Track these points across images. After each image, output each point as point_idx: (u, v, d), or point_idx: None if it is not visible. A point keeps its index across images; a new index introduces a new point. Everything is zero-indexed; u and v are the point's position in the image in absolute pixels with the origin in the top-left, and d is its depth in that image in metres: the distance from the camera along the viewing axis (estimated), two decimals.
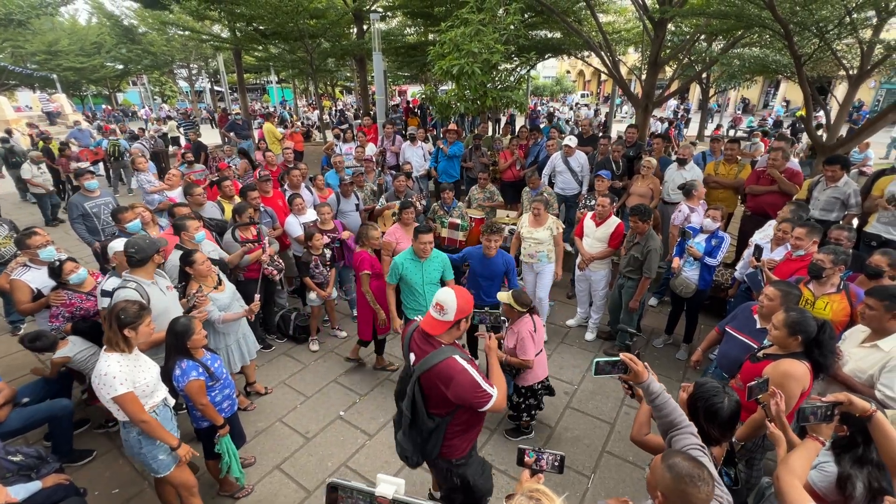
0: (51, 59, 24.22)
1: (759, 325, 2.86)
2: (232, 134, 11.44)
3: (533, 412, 3.50)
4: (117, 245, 3.32)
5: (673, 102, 23.64)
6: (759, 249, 3.81)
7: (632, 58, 16.28)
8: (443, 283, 3.71)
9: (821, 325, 2.25)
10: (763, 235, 4.06)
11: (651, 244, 4.02)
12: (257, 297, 3.87)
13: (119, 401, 2.20)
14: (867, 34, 5.57)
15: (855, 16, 5.13)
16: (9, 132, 13.60)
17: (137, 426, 2.27)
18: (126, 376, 2.22)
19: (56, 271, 3.32)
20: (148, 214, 4.36)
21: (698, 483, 1.34)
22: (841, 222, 4.47)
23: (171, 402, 2.57)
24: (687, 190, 4.81)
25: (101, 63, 25.99)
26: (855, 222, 4.46)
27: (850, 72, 5.92)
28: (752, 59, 7.17)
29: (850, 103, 6.04)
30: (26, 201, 10.20)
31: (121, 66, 27.15)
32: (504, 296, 3.25)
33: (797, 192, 4.54)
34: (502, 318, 2.80)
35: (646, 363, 1.86)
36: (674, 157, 5.70)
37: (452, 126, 7.41)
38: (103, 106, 30.25)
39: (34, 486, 2.31)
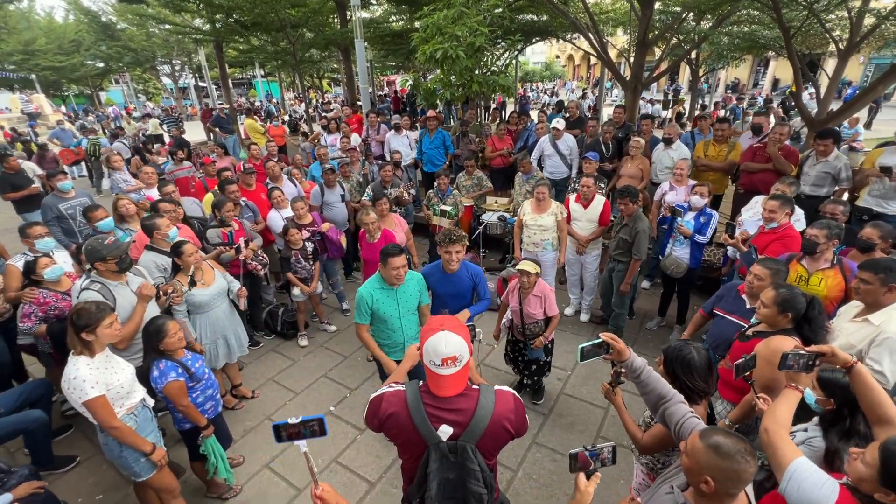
0: (28, 58, 23.62)
1: (748, 305, 2.81)
2: (217, 129, 11.23)
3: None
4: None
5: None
6: (731, 228, 3.78)
7: (620, 39, 16.06)
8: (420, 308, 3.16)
9: (809, 301, 2.21)
10: (752, 213, 3.99)
11: (640, 226, 3.95)
12: (243, 289, 3.75)
13: (89, 405, 2.10)
14: (856, 3, 5.46)
15: None
16: None
17: (108, 432, 2.18)
18: (97, 379, 2.13)
19: (30, 265, 3.23)
20: (133, 207, 4.25)
21: (748, 458, 1.30)
22: (832, 196, 4.42)
23: (151, 402, 2.48)
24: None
25: (80, 62, 25.39)
26: (845, 196, 4.41)
27: (840, 45, 5.82)
28: (740, 36, 7.03)
29: (839, 77, 5.95)
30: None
31: (101, 65, 26.52)
32: (530, 265, 3.28)
33: (791, 171, 4.47)
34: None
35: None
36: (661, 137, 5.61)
37: (432, 113, 7.24)
38: (84, 106, 29.58)
39: (3, 500, 2.21)
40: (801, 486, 1.42)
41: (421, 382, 1.65)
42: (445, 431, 1.55)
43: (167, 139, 13.17)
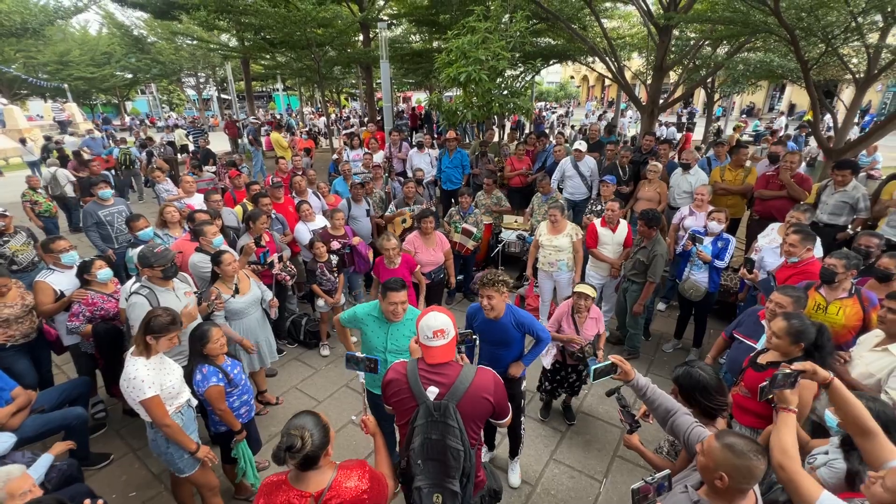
0: (62, 68, 24.70)
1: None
2: (250, 138, 11.58)
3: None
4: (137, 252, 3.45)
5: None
6: (750, 262, 3.82)
7: (636, 63, 16.32)
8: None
9: (818, 329, 2.28)
10: (768, 240, 4.07)
11: (657, 249, 4.05)
12: (275, 299, 3.94)
13: (146, 404, 2.26)
14: (874, 38, 5.58)
15: (861, 20, 5.14)
16: (23, 141, 13.87)
17: (160, 430, 2.33)
18: (153, 379, 2.29)
19: (85, 265, 3.44)
20: (178, 214, 4.51)
21: (760, 455, 1.44)
22: (849, 227, 4.48)
23: (195, 402, 2.63)
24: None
25: (110, 73, 26.47)
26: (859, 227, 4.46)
27: (857, 76, 5.93)
28: (757, 64, 7.19)
29: (857, 107, 6.05)
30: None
31: (130, 76, 27.63)
32: (588, 289, 3.37)
33: (805, 198, 4.55)
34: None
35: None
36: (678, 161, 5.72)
37: (451, 133, 7.45)
38: (100, 114, 30.65)
39: (46, 459, 2.41)
40: None
41: (419, 358, 2.01)
42: (432, 391, 1.88)
43: (192, 149, 13.63)
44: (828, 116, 7.06)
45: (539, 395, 3.92)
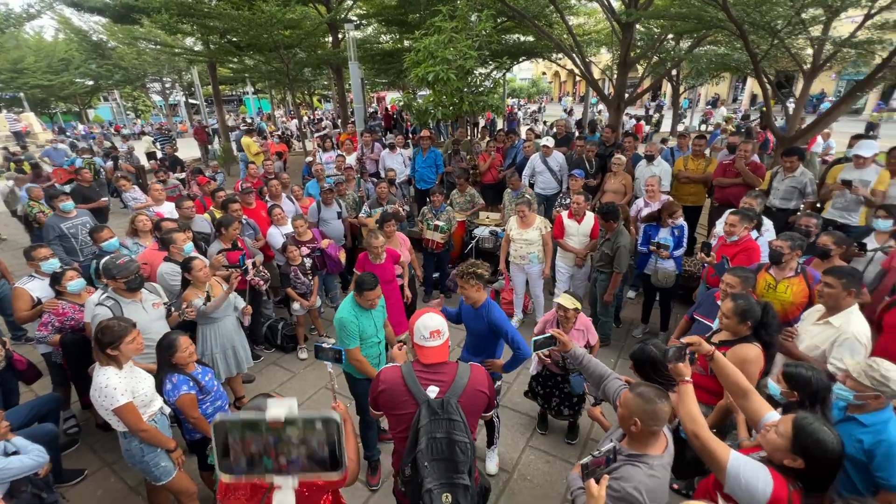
0: (16, 77, 23.63)
1: None
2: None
3: None
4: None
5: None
6: (707, 246, 4.01)
7: (605, 58, 16.68)
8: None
9: (764, 308, 2.46)
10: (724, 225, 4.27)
11: (620, 240, 4.20)
12: (248, 307, 3.93)
13: (119, 412, 2.26)
14: (818, 31, 5.89)
15: (804, 15, 5.44)
16: None
17: (137, 436, 2.32)
18: (126, 387, 2.29)
19: (57, 277, 3.41)
20: (149, 223, 4.46)
21: (664, 399, 1.69)
22: (801, 209, 4.74)
23: (167, 410, 2.62)
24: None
25: (69, 80, 25.43)
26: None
27: (805, 66, 6.25)
28: (713, 57, 7.49)
29: (805, 96, 6.38)
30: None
31: (91, 82, 26.58)
32: (569, 300, 3.15)
33: (759, 184, 4.79)
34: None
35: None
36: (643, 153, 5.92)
37: (425, 132, 7.52)
38: (55, 123, 29.44)
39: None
40: (743, 480, 1.58)
41: (412, 361, 2.07)
42: (433, 391, 1.92)
43: (160, 156, 13.28)
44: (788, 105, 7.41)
45: (536, 405, 3.72)
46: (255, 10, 10.67)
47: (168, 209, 5.36)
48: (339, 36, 13.58)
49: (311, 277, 4.65)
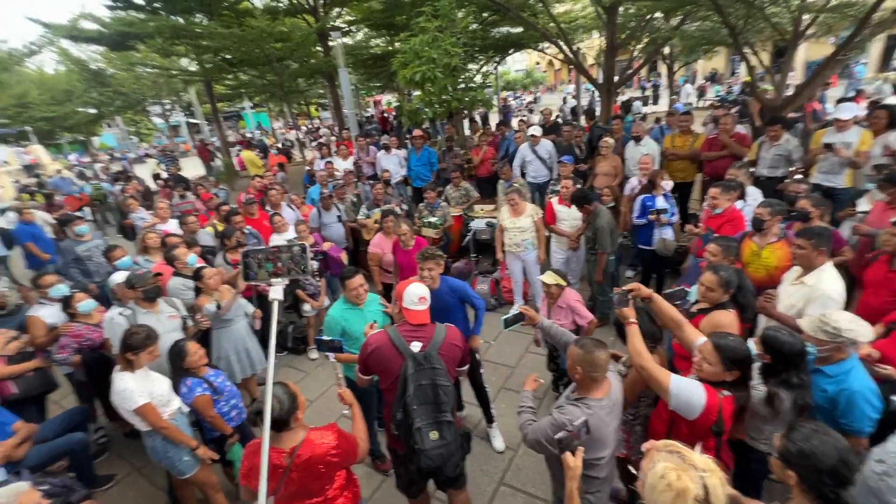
0: (22, 111, 24.22)
1: None
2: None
3: None
4: (117, 278, 3.59)
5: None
6: (695, 218, 4.11)
7: (597, 42, 16.67)
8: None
9: (737, 272, 2.59)
10: None
11: (598, 222, 4.31)
12: (258, 311, 4.14)
13: (140, 412, 2.46)
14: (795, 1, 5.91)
15: None
16: None
17: (159, 433, 2.52)
18: (142, 389, 2.49)
19: (67, 300, 3.60)
20: (157, 240, 4.66)
21: (600, 349, 1.95)
22: (787, 178, 4.80)
23: (186, 409, 2.81)
24: None
25: (72, 110, 25.96)
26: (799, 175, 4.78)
27: (785, 36, 6.26)
28: (694, 33, 7.50)
29: (789, 65, 6.38)
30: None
31: (93, 111, 27.15)
32: (549, 277, 3.28)
33: (745, 154, 4.86)
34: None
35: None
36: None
37: (418, 132, 7.66)
38: (70, 155, 30.16)
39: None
40: (683, 396, 1.91)
41: (397, 324, 2.42)
42: (416, 346, 2.27)
43: (165, 177, 13.62)
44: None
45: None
46: (245, 27, 10.91)
47: (173, 226, 5.58)
48: (330, 44, 13.79)
49: (318, 279, 4.83)
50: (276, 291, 1.69)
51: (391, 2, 11.04)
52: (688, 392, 1.91)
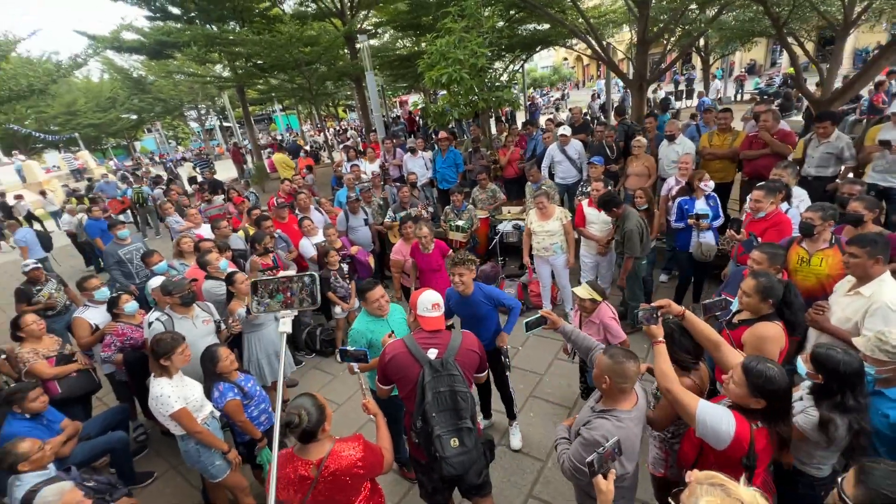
0: (71, 118, 25.73)
1: None
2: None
3: None
4: (154, 283, 3.73)
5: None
6: (737, 223, 3.89)
7: (627, 36, 16.19)
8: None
9: (786, 287, 2.39)
10: None
11: (627, 225, 4.14)
12: None
13: (175, 416, 2.53)
14: None
15: None
16: (42, 193, 14.59)
17: (193, 437, 2.58)
18: (178, 394, 2.56)
19: (113, 301, 3.78)
20: (191, 245, 4.84)
21: (630, 360, 1.86)
22: (839, 176, 4.50)
23: (217, 413, 2.87)
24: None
25: (116, 116, 27.42)
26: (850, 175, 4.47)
27: (837, 25, 5.86)
28: (734, 25, 7.11)
29: (839, 56, 5.97)
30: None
31: (135, 117, 28.59)
32: (583, 290, 3.08)
33: (789, 153, 4.58)
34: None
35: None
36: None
37: (443, 134, 7.61)
38: (111, 160, 31.79)
39: None
40: (709, 424, 1.76)
41: (413, 332, 2.39)
42: (432, 353, 2.24)
43: (200, 180, 14.12)
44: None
45: (568, 394, 4.01)
46: (275, 33, 11.17)
47: (207, 230, 5.76)
48: (357, 46, 13.95)
49: (349, 281, 4.88)
50: (286, 324, 1.63)
51: (417, 2, 11.05)
52: (715, 420, 1.76)
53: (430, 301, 2.36)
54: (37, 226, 11.39)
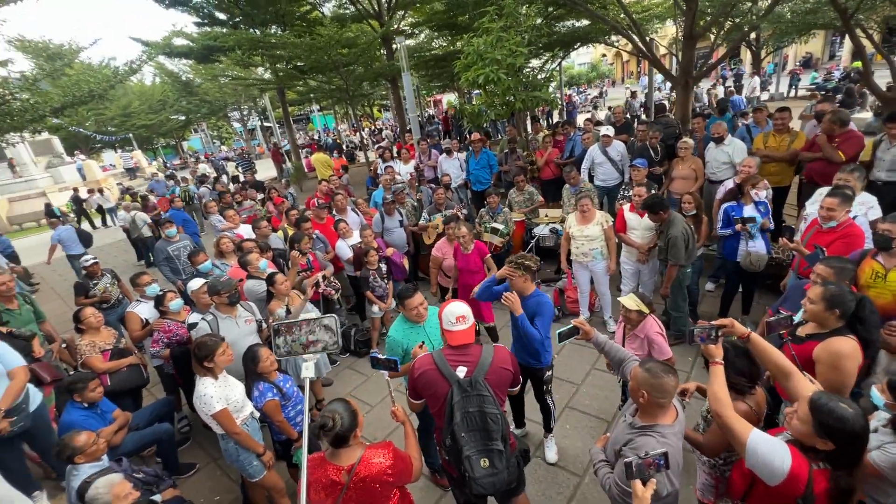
0: (126, 120, 27.44)
1: None
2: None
3: None
4: (194, 285, 3.86)
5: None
6: (790, 231, 3.60)
7: (670, 30, 15.53)
8: None
9: (860, 301, 2.19)
10: (816, 206, 3.81)
11: (671, 231, 3.92)
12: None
13: (216, 417, 2.60)
14: None
15: None
16: (100, 190, 15.57)
17: (231, 438, 2.65)
18: (221, 395, 2.63)
19: (159, 299, 3.96)
20: (231, 245, 5.00)
21: (669, 374, 1.81)
22: None
23: (257, 414, 2.94)
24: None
25: (166, 117, 29.04)
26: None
27: None
28: (799, 17, 6.61)
29: None
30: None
31: (183, 117, 30.18)
32: (630, 300, 2.91)
33: (840, 159, 4.22)
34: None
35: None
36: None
37: (476, 135, 7.50)
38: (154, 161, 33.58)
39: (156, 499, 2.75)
40: (761, 456, 1.60)
41: (442, 347, 2.29)
42: (461, 371, 2.15)
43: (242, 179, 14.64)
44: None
45: (606, 407, 3.90)
46: (315, 35, 11.42)
47: (247, 230, 5.93)
48: (394, 47, 14.07)
49: (387, 281, 4.91)
50: (308, 368, 1.61)
51: (453, 2, 11.00)
52: (768, 453, 1.59)
53: (454, 314, 2.23)
54: (85, 223, 12.11)
